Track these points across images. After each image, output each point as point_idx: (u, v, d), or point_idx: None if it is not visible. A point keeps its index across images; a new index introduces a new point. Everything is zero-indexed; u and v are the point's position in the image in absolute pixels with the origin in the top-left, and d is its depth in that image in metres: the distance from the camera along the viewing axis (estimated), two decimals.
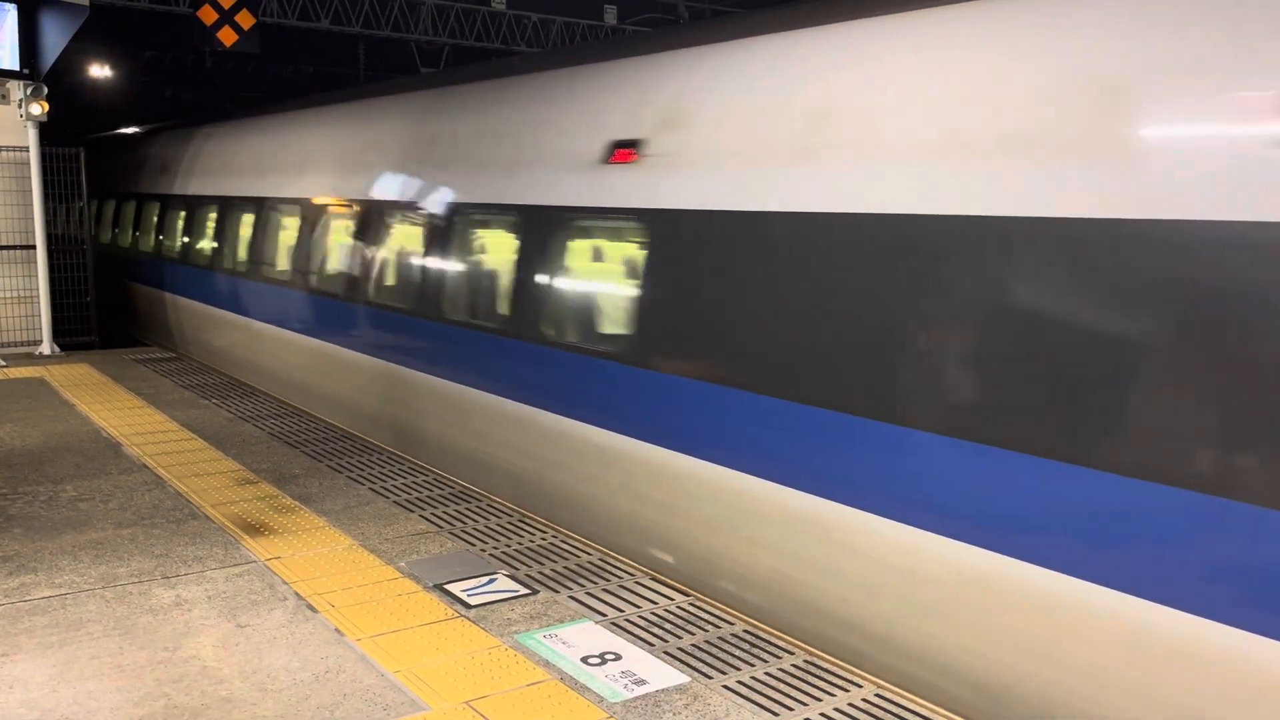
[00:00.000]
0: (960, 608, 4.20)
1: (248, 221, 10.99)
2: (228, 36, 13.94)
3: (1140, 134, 3.74)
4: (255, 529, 5.72)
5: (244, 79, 36.67)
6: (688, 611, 4.74)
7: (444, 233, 7.70)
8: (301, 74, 36.91)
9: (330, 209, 9.42)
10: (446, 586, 4.94)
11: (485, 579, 5.05)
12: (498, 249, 7.28)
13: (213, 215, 11.97)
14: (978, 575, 4.11)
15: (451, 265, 7.69)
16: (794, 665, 4.23)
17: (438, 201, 7.91)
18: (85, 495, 6.27)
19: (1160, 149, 3.69)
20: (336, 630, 4.45)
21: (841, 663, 4.57)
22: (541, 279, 6.58)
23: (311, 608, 4.68)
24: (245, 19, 14.36)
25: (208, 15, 14.01)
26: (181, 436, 7.76)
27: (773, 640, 4.47)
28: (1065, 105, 3.97)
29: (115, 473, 6.77)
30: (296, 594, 4.83)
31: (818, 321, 4.74)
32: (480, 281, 7.52)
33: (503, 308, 6.99)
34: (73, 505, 6.09)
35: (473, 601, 4.78)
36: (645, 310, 5.69)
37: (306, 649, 4.27)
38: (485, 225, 7.47)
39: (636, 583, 5.07)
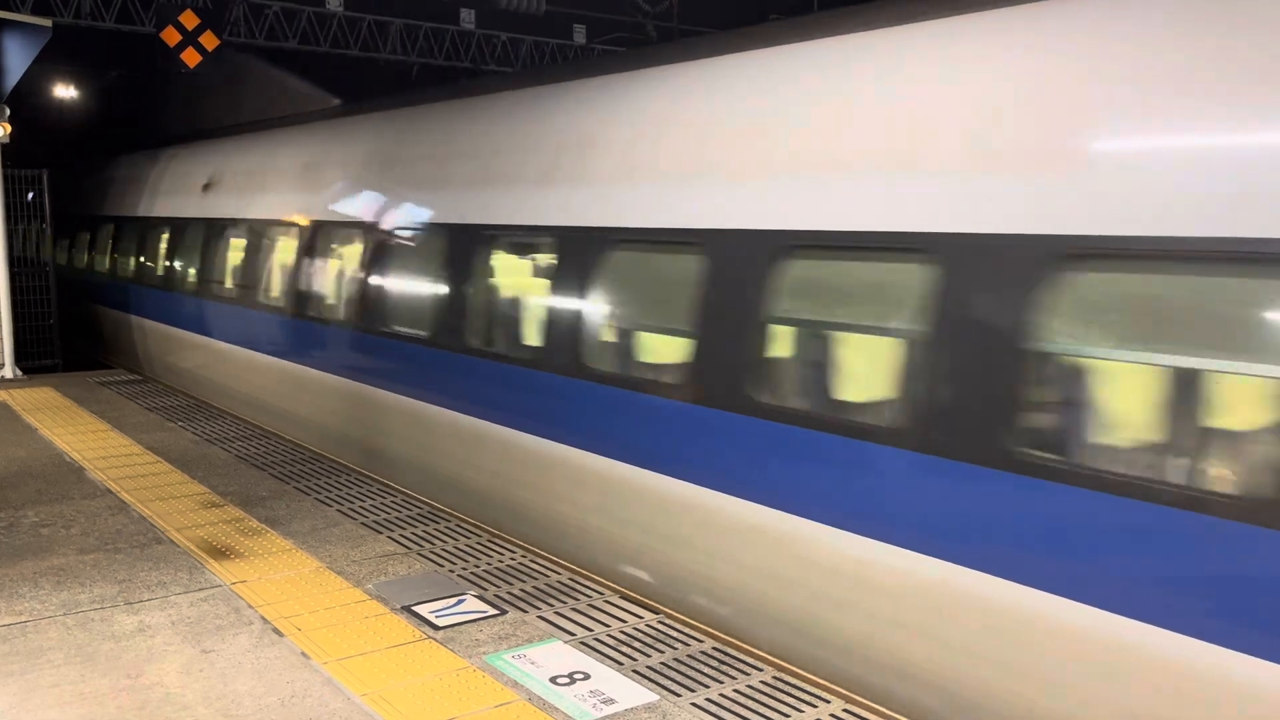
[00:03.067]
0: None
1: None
2: (191, 58, 13.87)
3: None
4: (221, 552, 5.66)
5: (207, 99, 36.52)
6: (656, 629, 4.74)
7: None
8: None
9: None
10: (414, 608, 4.92)
11: (454, 600, 5.03)
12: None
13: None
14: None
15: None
16: (762, 682, 4.24)
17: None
18: (47, 521, 6.19)
19: None
20: (303, 654, 4.41)
21: (811, 676, 4.59)
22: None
23: (278, 631, 4.64)
24: (209, 40, 14.29)
25: (171, 36, 13.93)
26: (146, 460, 7.68)
27: (741, 657, 4.48)
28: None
29: (78, 498, 6.69)
30: (262, 618, 4.79)
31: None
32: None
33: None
34: (34, 531, 6.01)
35: (441, 623, 4.75)
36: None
37: (272, 673, 4.23)
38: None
39: (606, 601, 5.07)
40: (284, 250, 9.50)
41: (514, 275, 6.93)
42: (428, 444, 7.46)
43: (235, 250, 10.46)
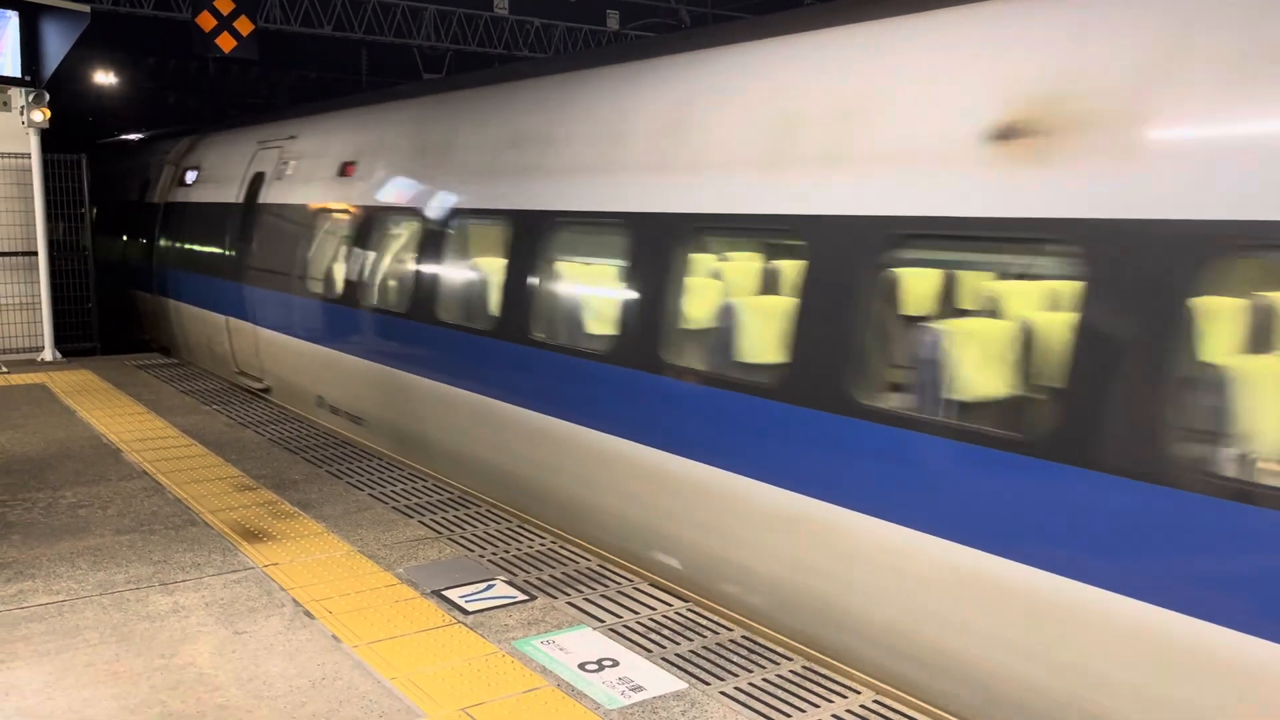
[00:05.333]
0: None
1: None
2: (226, 42, 13.97)
3: None
4: (254, 535, 5.71)
5: (247, 85, 36.75)
6: (685, 617, 4.72)
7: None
8: (304, 80, 37.00)
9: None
10: (444, 593, 4.93)
11: (483, 585, 5.04)
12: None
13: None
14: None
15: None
16: (792, 671, 4.21)
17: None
18: (84, 502, 6.27)
19: None
20: (334, 637, 4.44)
21: (841, 667, 4.56)
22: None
23: (309, 614, 4.67)
24: (244, 25, 14.38)
25: (206, 21, 14.04)
26: (181, 443, 7.76)
27: (771, 646, 4.45)
28: None
29: (115, 479, 6.77)
30: (294, 600, 4.82)
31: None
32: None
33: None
34: (72, 512, 6.09)
35: (470, 608, 4.76)
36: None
37: (303, 656, 4.26)
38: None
39: (635, 589, 5.06)
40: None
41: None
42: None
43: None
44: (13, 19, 10.36)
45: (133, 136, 19.02)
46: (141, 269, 14.24)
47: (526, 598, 4.89)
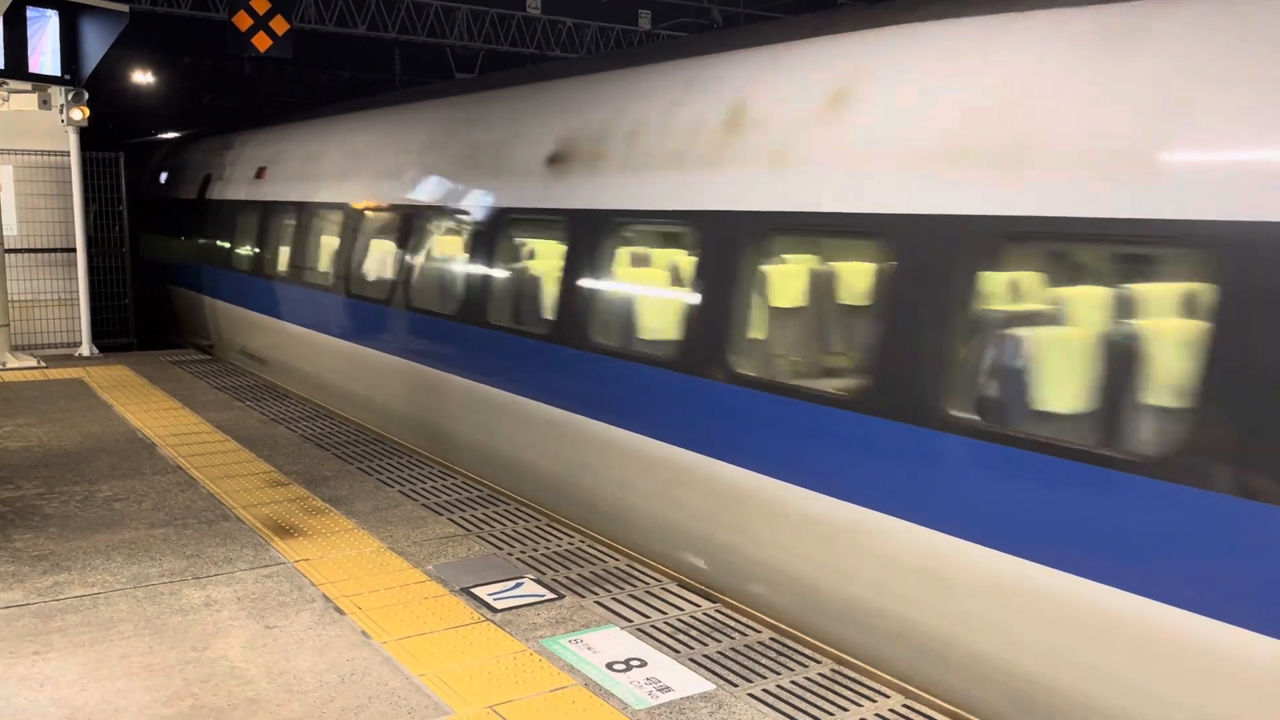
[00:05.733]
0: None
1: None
2: (262, 42, 14.12)
3: None
4: (285, 530, 5.76)
5: (281, 84, 37.08)
6: (714, 618, 4.71)
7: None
8: (338, 79, 37.29)
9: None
10: (473, 590, 4.95)
11: (512, 583, 5.05)
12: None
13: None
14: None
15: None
16: (820, 674, 4.19)
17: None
18: (120, 495, 6.35)
19: None
20: (363, 633, 4.46)
21: (871, 670, 4.53)
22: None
23: (339, 610, 4.70)
24: (279, 24, 14.53)
25: (242, 21, 14.19)
26: (215, 438, 7.84)
27: (799, 649, 4.43)
28: None
29: (149, 473, 6.85)
30: (324, 596, 4.85)
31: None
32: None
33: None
34: (107, 505, 6.16)
35: (499, 605, 4.77)
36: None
37: (333, 651, 4.28)
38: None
39: (663, 589, 5.05)
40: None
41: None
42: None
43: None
44: (53, 18, 10.51)
45: (168, 135, 19.24)
46: (179, 265, 14.41)
47: (555, 596, 4.90)
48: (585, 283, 6.56)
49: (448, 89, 9.56)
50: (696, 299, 5.66)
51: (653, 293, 6.34)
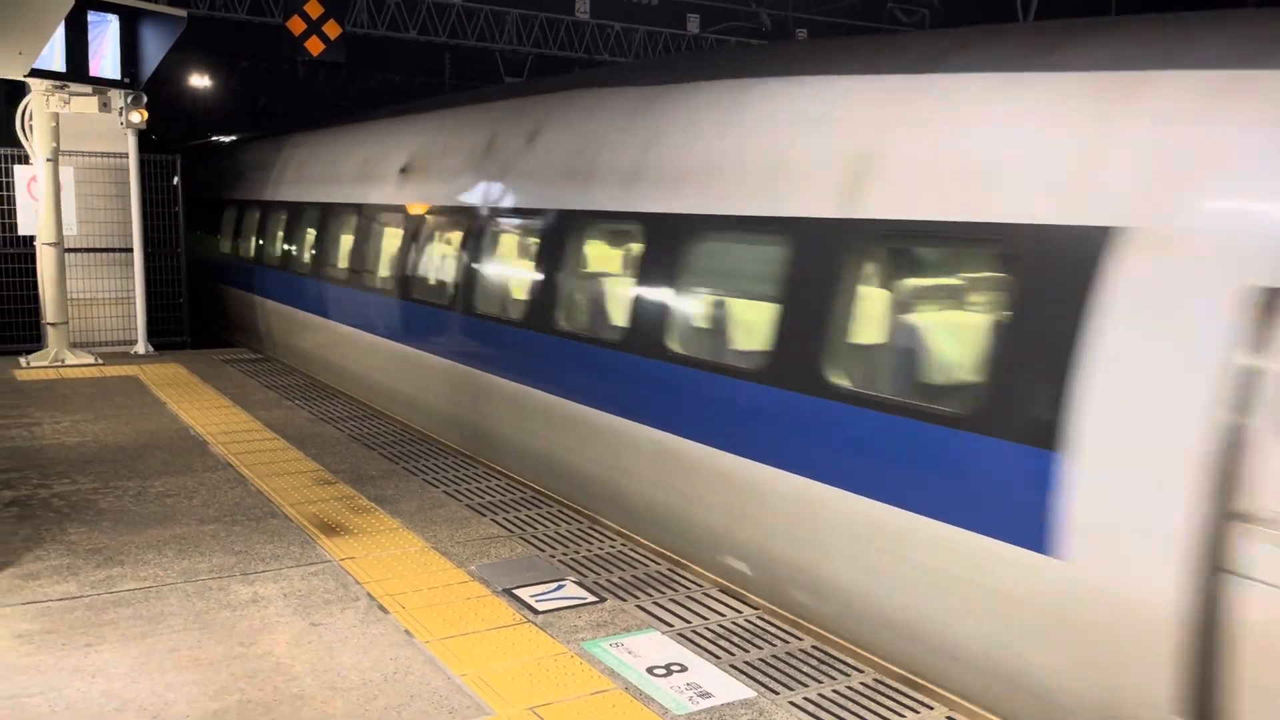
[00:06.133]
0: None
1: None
2: (314, 46, 14.34)
3: None
4: (332, 529, 5.83)
5: (335, 88, 37.59)
6: (755, 625, 4.69)
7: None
8: (390, 83, 37.72)
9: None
10: (515, 591, 4.97)
11: (554, 585, 5.06)
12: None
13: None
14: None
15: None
16: (863, 683, 4.15)
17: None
18: (172, 491, 6.46)
19: None
20: (406, 631, 4.50)
21: (914, 679, 4.48)
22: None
23: (383, 608, 4.74)
24: (332, 29, 14.73)
25: (296, 25, 14.42)
26: (264, 436, 7.96)
27: (841, 657, 4.40)
28: None
29: (200, 470, 6.96)
30: (369, 594, 4.90)
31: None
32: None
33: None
34: (160, 500, 6.28)
35: (540, 607, 4.79)
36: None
37: (376, 649, 4.33)
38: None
39: (705, 594, 5.04)
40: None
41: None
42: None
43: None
44: (113, 23, 10.74)
45: (222, 139, 19.59)
46: (231, 265, 14.64)
47: (596, 599, 4.91)
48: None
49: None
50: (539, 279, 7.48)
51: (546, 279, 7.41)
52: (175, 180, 12.56)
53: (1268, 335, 3.41)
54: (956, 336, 4.87)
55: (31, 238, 11.05)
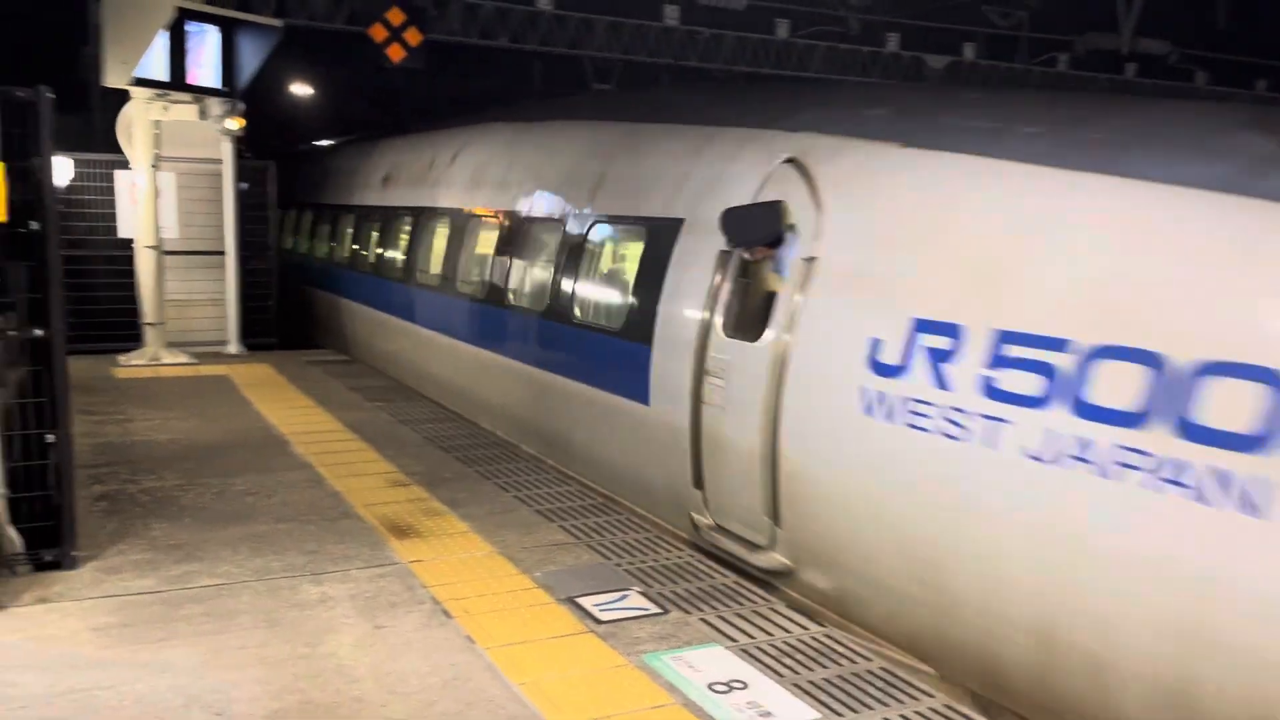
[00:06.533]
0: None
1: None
2: (396, 53, 14.57)
3: None
4: (402, 531, 5.88)
5: (431, 95, 38.26)
6: (821, 643, 4.57)
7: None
8: (483, 89, 38.26)
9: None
10: (578, 600, 4.94)
11: (617, 595, 5.02)
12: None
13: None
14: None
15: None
16: (931, 708, 4.01)
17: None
18: (252, 489, 6.60)
19: None
20: (468, 637, 4.50)
21: (987, 700, 4.31)
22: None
23: (446, 613, 4.75)
24: (413, 36, 14.96)
25: (378, 32, 14.68)
26: (344, 437, 8.09)
27: (910, 680, 4.25)
28: None
29: (280, 469, 7.10)
30: (434, 598, 4.92)
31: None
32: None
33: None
34: (240, 499, 6.42)
35: (603, 617, 4.75)
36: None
37: (438, 654, 4.33)
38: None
39: (770, 609, 4.93)
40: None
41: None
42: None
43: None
44: (212, 33, 11.08)
45: (316, 144, 20.08)
46: (321, 268, 14.98)
47: (660, 611, 4.84)
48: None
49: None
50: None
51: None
52: (264, 187, 12.94)
53: (722, 273, 6.17)
54: (619, 284, 7.55)
55: (132, 240, 11.45)
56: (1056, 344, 4.23)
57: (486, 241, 9.64)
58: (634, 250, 7.23)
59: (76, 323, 12.01)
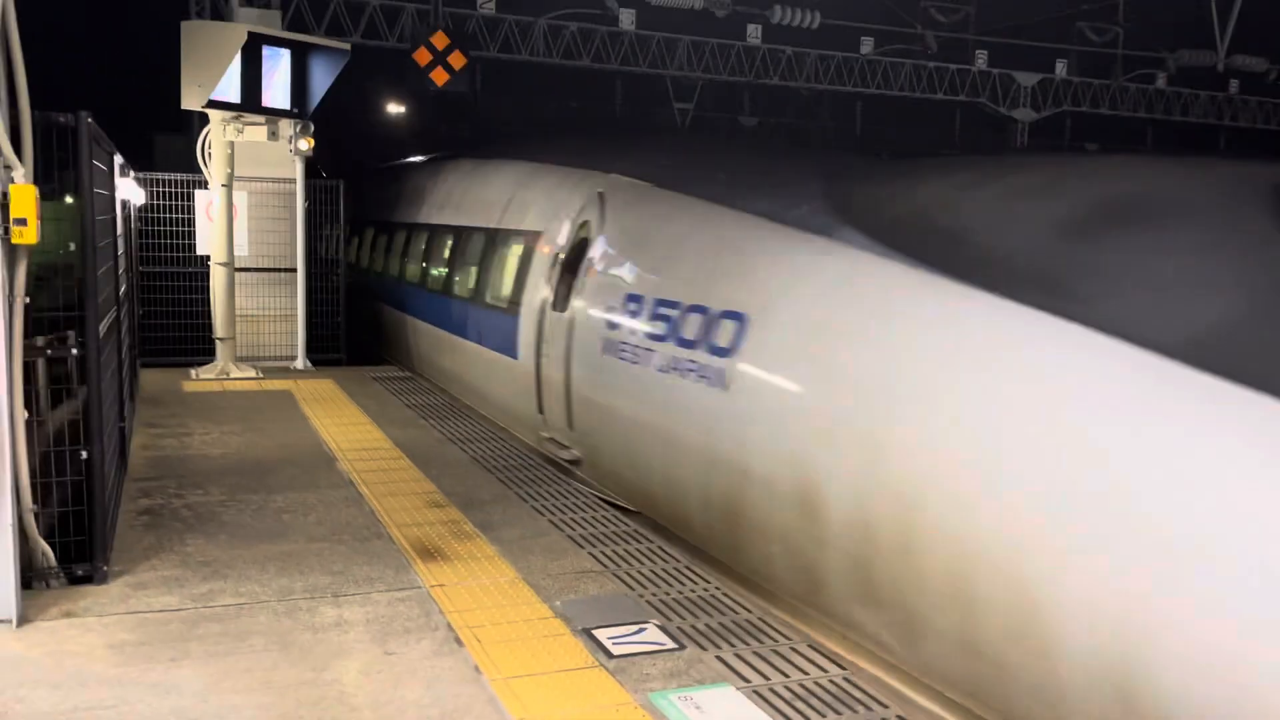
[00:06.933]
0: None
1: (475, 250, 11.53)
2: (439, 76, 14.75)
3: None
4: (430, 554, 5.85)
5: (513, 115, 38.77)
6: (840, 686, 4.38)
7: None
8: (565, 110, 38.66)
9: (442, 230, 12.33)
10: (594, 631, 4.83)
11: (635, 628, 4.90)
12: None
13: (435, 242, 12.83)
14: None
15: None
16: None
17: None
18: (290, 507, 6.66)
19: None
20: (475, 667, 4.43)
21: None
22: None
23: (458, 640, 4.70)
24: (456, 60, 15.14)
25: (422, 56, 14.90)
26: (391, 455, 8.14)
27: None
28: None
29: (323, 486, 7.17)
30: (449, 624, 4.87)
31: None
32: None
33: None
34: (277, 516, 6.48)
35: (616, 651, 4.63)
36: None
37: (441, 685, 4.27)
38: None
39: (792, 648, 4.76)
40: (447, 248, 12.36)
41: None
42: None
43: (491, 257, 10.99)
44: (285, 56, 11.35)
45: (384, 165, 20.45)
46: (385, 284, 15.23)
47: (675, 646, 4.71)
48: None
49: (524, 148, 12.20)
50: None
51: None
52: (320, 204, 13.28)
53: (555, 269, 8.68)
54: (507, 274, 9.91)
55: (209, 257, 11.77)
56: (672, 304, 6.88)
57: (450, 249, 12.41)
58: (520, 252, 9.92)
59: (155, 337, 12.47)
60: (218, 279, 11.55)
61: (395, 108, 38.22)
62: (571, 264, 8.44)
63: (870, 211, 5.89)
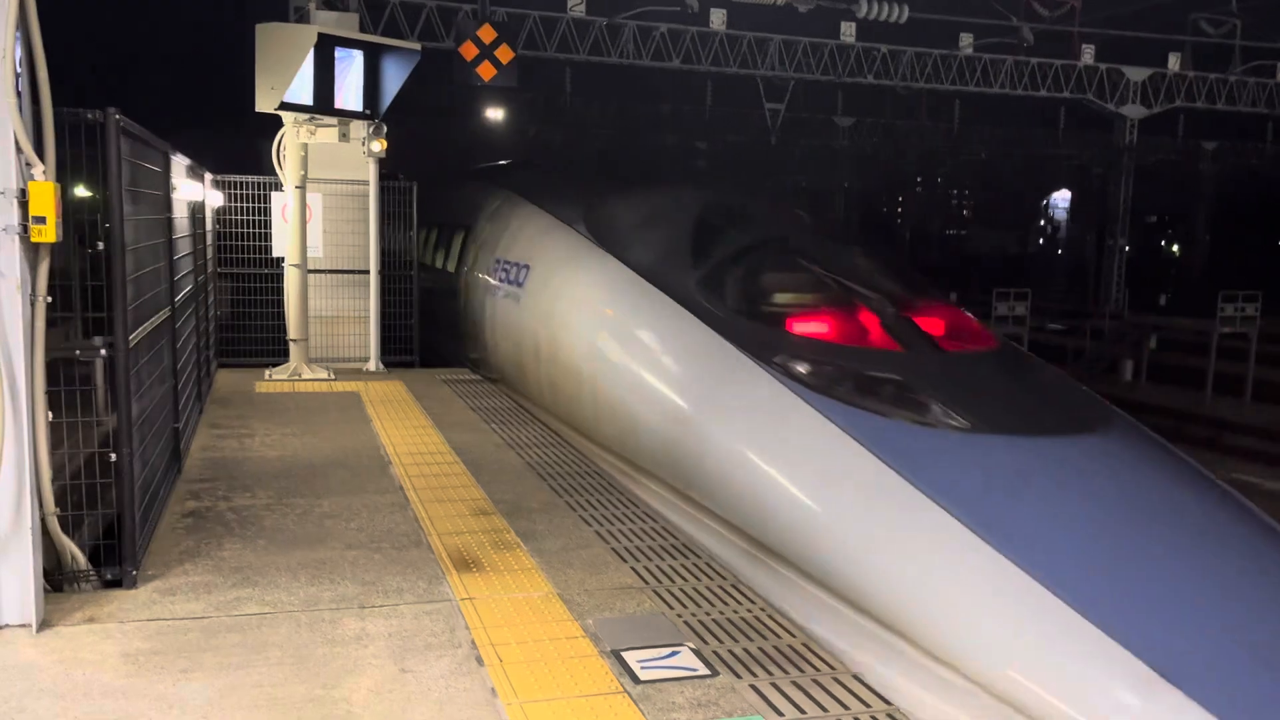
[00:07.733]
0: None
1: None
2: (486, 71, 14.62)
3: None
4: (466, 564, 5.64)
5: (605, 118, 38.73)
6: None
7: None
8: (656, 112, 38.46)
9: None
10: (623, 653, 4.54)
11: (667, 650, 4.59)
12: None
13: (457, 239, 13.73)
14: None
15: None
16: None
17: None
18: (334, 513, 6.53)
19: None
20: (492, 689, 4.19)
21: None
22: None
23: (479, 659, 4.46)
24: (504, 53, 14.97)
25: (469, 50, 14.78)
26: (446, 460, 7.98)
27: None
28: None
29: (371, 492, 7.03)
30: (472, 641, 4.64)
31: None
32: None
33: None
34: (319, 522, 6.35)
35: (643, 676, 4.34)
36: None
37: (453, 707, 4.04)
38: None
39: (834, 678, 4.40)
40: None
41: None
42: None
43: None
44: (358, 58, 11.35)
45: (455, 170, 20.51)
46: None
47: (708, 672, 4.39)
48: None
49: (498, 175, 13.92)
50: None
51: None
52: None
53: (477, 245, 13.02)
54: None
55: (284, 259, 11.85)
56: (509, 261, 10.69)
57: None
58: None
59: (236, 338, 12.63)
60: (291, 281, 11.61)
61: (493, 111, 38.54)
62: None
63: (593, 214, 9.96)
